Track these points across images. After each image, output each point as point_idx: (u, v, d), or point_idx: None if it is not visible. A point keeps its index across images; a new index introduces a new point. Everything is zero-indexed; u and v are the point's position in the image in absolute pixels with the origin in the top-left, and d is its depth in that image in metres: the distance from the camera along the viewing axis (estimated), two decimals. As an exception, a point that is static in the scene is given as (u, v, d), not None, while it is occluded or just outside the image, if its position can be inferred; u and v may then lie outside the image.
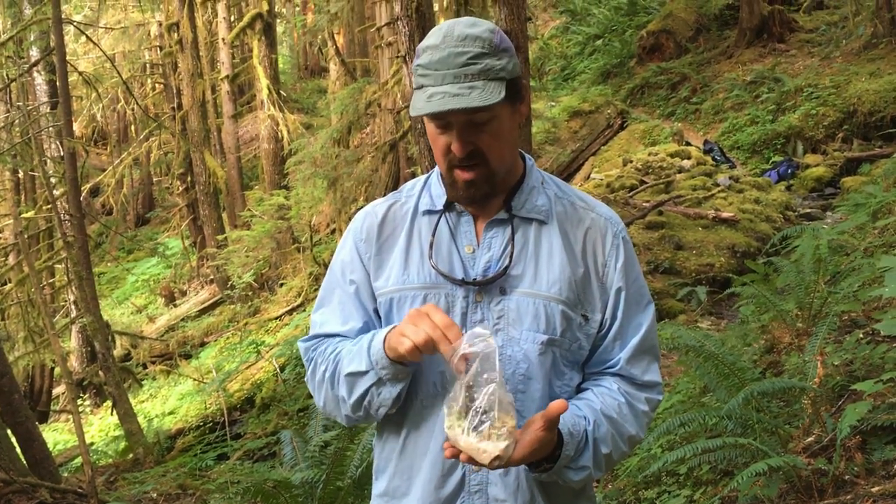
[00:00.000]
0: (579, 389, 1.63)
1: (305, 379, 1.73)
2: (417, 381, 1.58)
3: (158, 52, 19.08)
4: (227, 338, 14.44)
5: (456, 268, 1.58)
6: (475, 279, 1.56)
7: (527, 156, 1.67)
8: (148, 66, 20.98)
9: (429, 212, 1.64)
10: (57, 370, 13.50)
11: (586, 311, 1.58)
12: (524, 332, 1.54)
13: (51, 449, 7.32)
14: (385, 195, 1.77)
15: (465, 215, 1.62)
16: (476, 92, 1.44)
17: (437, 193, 1.65)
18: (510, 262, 1.55)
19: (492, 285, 1.55)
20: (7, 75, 11.62)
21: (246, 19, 16.07)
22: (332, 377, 1.60)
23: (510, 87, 1.50)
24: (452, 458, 1.40)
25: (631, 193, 9.84)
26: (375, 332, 1.56)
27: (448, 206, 1.62)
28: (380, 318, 1.65)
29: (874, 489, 2.94)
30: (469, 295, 1.56)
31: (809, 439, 3.39)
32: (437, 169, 1.68)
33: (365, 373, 1.53)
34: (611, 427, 1.54)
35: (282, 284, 15.13)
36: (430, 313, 1.43)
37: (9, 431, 5.81)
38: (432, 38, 1.50)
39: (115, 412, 9.63)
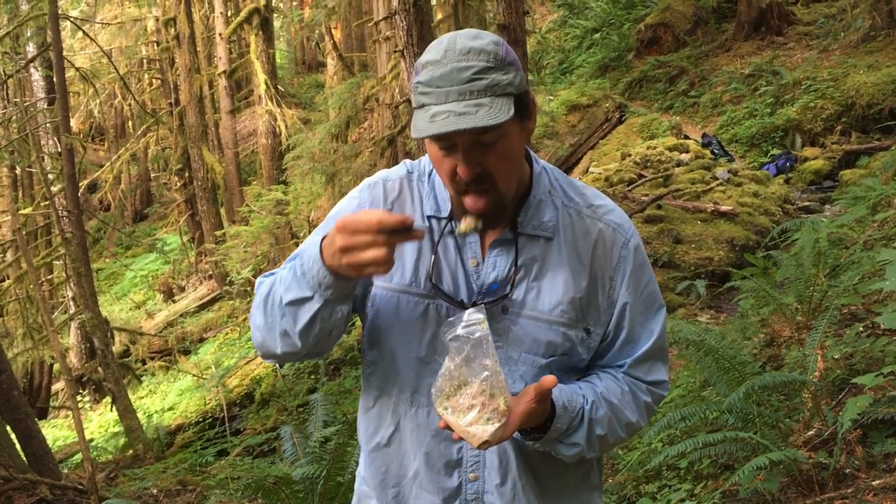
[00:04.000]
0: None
1: (249, 317, 1.61)
2: (403, 389, 1.57)
3: (155, 47, 19.02)
4: (226, 333, 14.45)
5: (460, 282, 1.54)
6: (475, 302, 1.52)
7: (534, 158, 1.59)
8: (145, 61, 20.92)
9: (434, 217, 1.57)
10: (56, 366, 13.48)
11: (588, 324, 1.55)
12: (522, 355, 1.52)
13: (50, 445, 7.32)
14: None
15: None
16: (483, 110, 1.35)
17: (443, 198, 1.57)
18: (512, 286, 1.51)
19: (494, 306, 1.52)
20: (4, 71, 11.58)
21: (243, 14, 16.04)
22: (266, 303, 1.49)
23: (518, 102, 1.41)
24: (446, 429, 1.40)
25: (629, 187, 9.83)
26: (304, 251, 1.44)
27: (453, 216, 1.55)
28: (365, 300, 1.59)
29: (875, 482, 2.94)
30: None
31: (810, 433, 3.40)
32: None
33: (309, 298, 1.41)
34: (609, 411, 1.53)
35: (280, 280, 15.10)
36: (361, 222, 1.30)
37: (8, 428, 5.80)
38: (432, 52, 1.41)
39: (114, 408, 9.62)
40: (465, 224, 1.48)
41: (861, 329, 4.11)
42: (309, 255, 1.41)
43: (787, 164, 10.45)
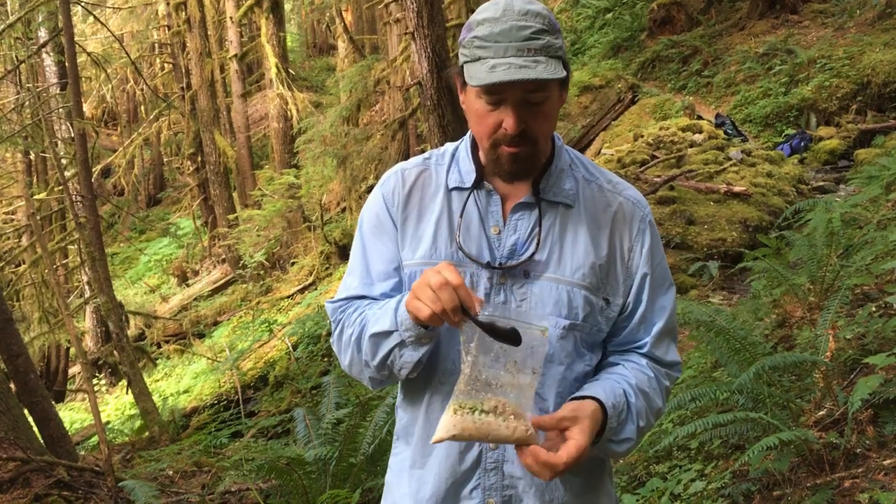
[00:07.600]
0: (602, 365, 1.65)
1: (331, 340, 1.72)
2: (436, 358, 1.59)
3: (167, 31, 19.02)
4: (240, 317, 14.53)
5: (483, 248, 1.58)
6: (501, 263, 1.56)
7: (556, 135, 1.66)
8: (156, 45, 20.92)
9: (457, 189, 1.63)
10: (72, 350, 13.63)
11: (608, 294, 1.60)
12: (546, 317, 1.55)
13: (67, 428, 7.40)
14: None
15: (493, 195, 1.61)
16: (541, 66, 1.44)
17: (466, 170, 1.64)
18: (536, 247, 1.56)
19: (516, 269, 1.56)
20: (16, 57, 11.61)
21: (253, -3, 15.98)
22: (358, 341, 1.60)
23: (564, 69, 1.50)
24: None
25: (642, 168, 9.78)
26: (403, 294, 1.55)
27: (477, 185, 1.62)
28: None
29: (886, 462, 2.94)
30: (493, 276, 1.57)
31: (821, 413, 3.39)
32: (465, 142, 1.67)
33: (389, 333, 1.52)
34: (644, 400, 1.57)
35: (293, 263, 15.19)
36: (448, 278, 1.39)
37: (26, 411, 5.87)
38: (489, 11, 1.49)
39: (130, 391, 9.72)
40: None
41: (873, 309, 4.09)
42: (404, 300, 1.50)
43: (802, 144, 10.36)
